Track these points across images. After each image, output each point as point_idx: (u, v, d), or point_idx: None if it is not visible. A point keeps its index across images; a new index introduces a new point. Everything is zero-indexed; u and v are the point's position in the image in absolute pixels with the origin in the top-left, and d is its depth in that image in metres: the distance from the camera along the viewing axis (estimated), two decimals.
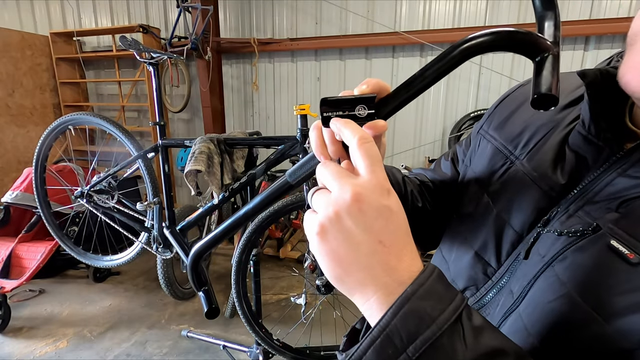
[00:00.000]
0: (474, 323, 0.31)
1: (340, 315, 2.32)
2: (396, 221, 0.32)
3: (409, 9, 3.51)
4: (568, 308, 0.36)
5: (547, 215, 0.42)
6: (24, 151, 4.31)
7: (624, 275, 0.33)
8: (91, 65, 4.79)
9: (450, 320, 0.29)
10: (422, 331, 0.29)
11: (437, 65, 0.35)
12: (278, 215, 1.72)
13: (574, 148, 0.42)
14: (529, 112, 0.50)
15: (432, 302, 0.30)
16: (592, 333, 0.34)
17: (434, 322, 0.29)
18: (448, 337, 0.29)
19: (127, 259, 2.04)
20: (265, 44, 3.86)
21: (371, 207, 0.30)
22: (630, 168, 0.36)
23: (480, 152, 0.55)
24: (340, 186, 0.31)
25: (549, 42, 0.34)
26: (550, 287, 0.38)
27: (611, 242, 0.34)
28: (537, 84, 0.31)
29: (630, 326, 0.31)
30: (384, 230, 0.31)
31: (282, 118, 4.23)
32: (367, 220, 0.30)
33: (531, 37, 0.33)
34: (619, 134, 0.39)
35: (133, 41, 1.64)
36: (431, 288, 0.30)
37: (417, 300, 0.30)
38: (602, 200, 0.38)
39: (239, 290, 1.79)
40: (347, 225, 0.31)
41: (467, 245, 0.50)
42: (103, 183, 1.94)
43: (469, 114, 3.49)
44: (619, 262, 0.33)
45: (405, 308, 0.30)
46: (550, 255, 0.39)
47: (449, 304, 0.30)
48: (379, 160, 0.32)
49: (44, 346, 2.31)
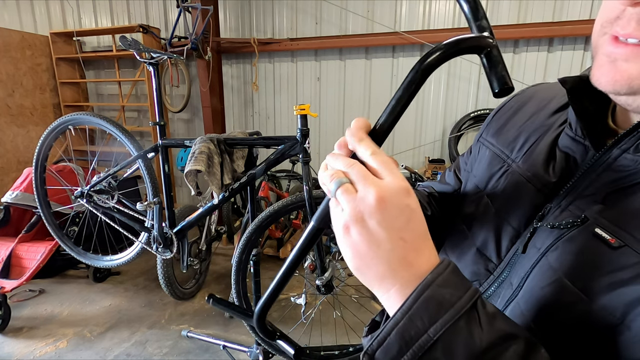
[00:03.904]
0: (488, 310, 0.34)
1: (340, 315, 2.32)
2: (416, 219, 0.34)
3: (409, 9, 3.51)
4: (559, 291, 0.39)
5: (542, 211, 0.45)
6: (24, 151, 4.31)
7: (607, 258, 0.36)
8: (91, 65, 4.79)
9: (466, 306, 0.33)
10: (442, 314, 0.32)
11: (405, 90, 0.38)
12: (278, 215, 1.72)
13: (564, 149, 0.46)
14: (523, 118, 0.54)
15: (450, 289, 0.33)
16: (580, 312, 0.37)
17: (453, 306, 0.32)
18: (465, 320, 0.32)
19: (127, 259, 2.04)
20: (265, 44, 3.86)
21: (393, 206, 0.33)
22: (613, 163, 0.40)
23: (480, 158, 0.59)
24: (365, 187, 0.34)
25: (488, 38, 0.38)
26: (544, 275, 0.41)
27: (596, 230, 0.38)
28: (493, 81, 0.36)
29: (612, 303, 0.35)
30: (405, 227, 0.33)
31: (282, 118, 4.23)
32: (389, 219, 0.33)
33: (474, 40, 0.37)
34: (601, 133, 0.42)
35: (133, 41, 1.64)
36: (449, 278, 0.34)
37: (436, 288, 0.33)
38: (590, 194, 0.41)
39: (239, 290, 1.79)
40: (371, 224, 0.33)
41: (470, 244, 0.53)
42: (103, 183, 1.94)
43: (469, 114, 3.49)
44: (603, 247, 0.37)
45: (425, 294, 0.33)
46: (545, 247, 0.43)
47: (465, 292, 0.33)
48: (395, 165, 0.35)
49: (44, 346, 2.31)
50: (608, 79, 0.36)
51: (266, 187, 3.40)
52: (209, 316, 2.63)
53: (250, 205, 1.91)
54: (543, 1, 3.13)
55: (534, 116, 0.54)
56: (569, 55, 3.15)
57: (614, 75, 0.36)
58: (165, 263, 2.38)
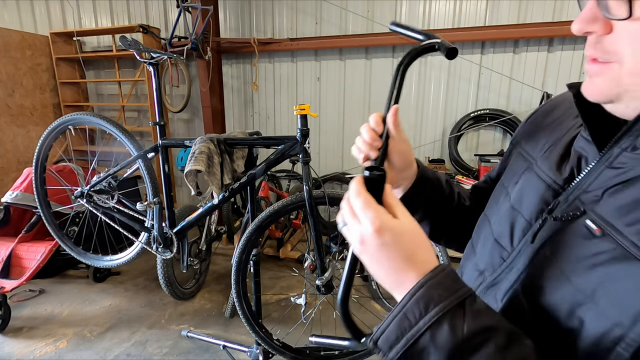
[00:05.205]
0: (475, 307, 0.41)
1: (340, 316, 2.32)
2: (409, 236, 0.44)
3: (409, 9, 3.51)
4: (549, 273, 0.46)
5: (551, 205, 0.49)
6: (24, 151, 4.31)
7: (590, 245, 0.42)
8: (91, 65, 4.79)
9: (452, 304, 0.40)
10: (430, 310, 0.41)
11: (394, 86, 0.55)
12: (278, 215, 1.72)
13: (578, 149, 0.50)
14: (551, 122, 0.60)
15: (440, 290, 0.41)
16: (563, 291, 0.43)
17: (439, 304, 0.40)
18: (450, 316, 0.40)
19: (127, 259, 2.04)
20: (265, 44, 3.86)
21: (389, 233, 0.43)
22: (614, 160, 0.44)
23: (508, 158, 0.67)
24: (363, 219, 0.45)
25: (435, 41, 0.54)
26: (540, 260, 0.48)
27: (586, 221, 0.43)
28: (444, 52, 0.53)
29: (584, 284, 0.41)
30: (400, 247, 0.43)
31: (282, 118, 4.23)
32: (386, 246, 0.43)
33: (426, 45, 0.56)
34: (606, 134, 0.46)
35: (133, 41, 1.64)
36: (442, 281, 0.42)
37: (427, 289, 0.42)
38: (593, 190, 0.45)
39: (239, 290, 1.79)
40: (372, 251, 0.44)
41: (490, 234, 0.59)
42: (103, 183, 1.94)
43: (469, 114, 3.49)
44: (589, 236, 0.42)
45: (417, 294, 0.42)
46: (546, 237, 0.48)
47: (454, 293, 0.41)
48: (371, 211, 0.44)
49: (44, 346, 2.31)
50: (589, 92, 0.44)
51: (266, 187, 3.40)
52: (209, 316, 2.63)
53: (250, 205, 1.91)
54: (543, 1, 3.13)
55: (560, 119, 0.58)
56: (569, 55, 3.15)
57: (592, 89, 0.43)
58: (165, 263, 2.38)
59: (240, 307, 1.80)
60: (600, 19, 0.39)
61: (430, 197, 0.69)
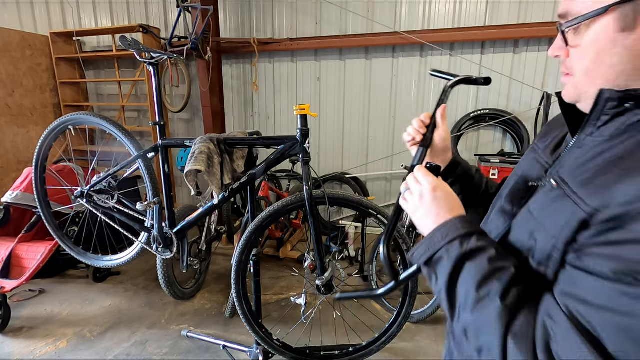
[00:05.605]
0: (480, 238, 0.61)
1: (340, 316, 2.32)
2: (451, 196, 0.69)
3: (409, 9, 3.52)
4: (525, 217, 0.63)
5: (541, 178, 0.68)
6: (24, 151, 4.31)
7: (550, 194, 0.59)
8: (91, 65, 4.79)
9: (463, 232, 0.62)
10: (449, 235, 0.62)
11: (442, 95, 0.85)
12: (278, 215, 1.72)
13: (568, 139, 0.66)
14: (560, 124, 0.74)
15: (459, 225, 0.63)
16: (529, 224, 0.60)
17: (456, 232, 0.62)
18: (461, 239, 0.61)
19: (127, 259, 2.04)
20: (265, 44, 3.86)
21: (440, 191, 0.68)
22: (581, 143, 0.60)
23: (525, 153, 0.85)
24: (424, 182, 0.70)
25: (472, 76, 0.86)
26: (522, 215, 0.65)
27: (550, 180, 0.60)
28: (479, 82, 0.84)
29: (541, 217, 0.58)
30: (445, 201, 0.67)
31: (282, 118, 4.23)
32: (437, 200, 0.67)
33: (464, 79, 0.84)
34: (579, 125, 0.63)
35: (133, 41, 1.64)
36: (462, 221, 0.64)
37: (452, 224, 0.64)
38: (565, 165, 0.61)
39: (239, 290, 1.79)
40: (427, 203, 0.68)
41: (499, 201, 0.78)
42: (103, 183, 1.94)
43: (469, 114, 3.49)
44: (551, 189, 0.59)
45: (445, 226, 0.64)
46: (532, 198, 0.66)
47: (467, 229, 0.62)
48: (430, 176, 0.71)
49: (44, 346, 2.31)
50: (564, 95, 0.62)
51: (266, 187, 3.40)
52: (209, 316, 2.63)
53: (250, 205, 1.91)
54: (543, 1, 3.13)
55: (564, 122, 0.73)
56: None
57: (565, 93, 0.62)
58: (165, 263, 2.38)
59: (240, 307, 1.80)
60: (563, 47, 0.59)
61: (461, 177, 0.91)
